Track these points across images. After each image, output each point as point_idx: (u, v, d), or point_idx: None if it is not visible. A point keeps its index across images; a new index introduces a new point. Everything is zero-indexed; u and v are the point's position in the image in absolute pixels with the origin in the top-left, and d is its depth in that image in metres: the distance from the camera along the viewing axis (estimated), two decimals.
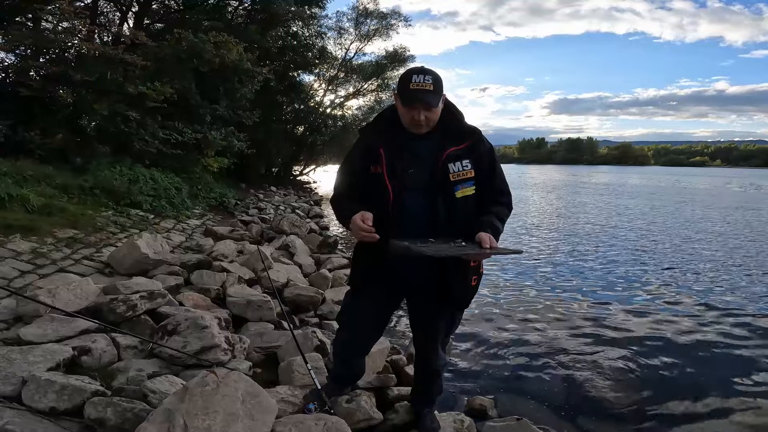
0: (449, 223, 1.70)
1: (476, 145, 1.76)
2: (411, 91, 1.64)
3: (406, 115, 1.69)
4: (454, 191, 1.70)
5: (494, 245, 1.61)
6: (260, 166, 16.47)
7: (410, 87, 1.64)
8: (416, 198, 1.71)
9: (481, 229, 1.64)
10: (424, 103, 1.63)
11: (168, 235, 5.75)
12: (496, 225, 1.71)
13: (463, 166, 1.71)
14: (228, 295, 3.52)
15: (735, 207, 16.23)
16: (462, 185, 1.71)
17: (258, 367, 2.73)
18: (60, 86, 7.14)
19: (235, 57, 8.86)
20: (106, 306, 2.70)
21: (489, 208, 1.76)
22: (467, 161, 1.72)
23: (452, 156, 1.70)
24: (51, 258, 3.86)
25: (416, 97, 1.63)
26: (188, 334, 2.49)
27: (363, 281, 1.91)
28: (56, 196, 5.45)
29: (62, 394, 1.86)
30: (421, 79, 1.63)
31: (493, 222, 1.71)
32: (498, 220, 1.74)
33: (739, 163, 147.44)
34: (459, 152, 1.71)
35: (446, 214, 1.70)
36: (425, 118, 1.67)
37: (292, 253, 5.31)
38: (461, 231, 1.68)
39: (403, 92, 1.67)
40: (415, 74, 1.65)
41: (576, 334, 4.10)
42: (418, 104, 1.64)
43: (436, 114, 1.70)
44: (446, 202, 1.70)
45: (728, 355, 3.75)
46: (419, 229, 1.68)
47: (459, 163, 1.71)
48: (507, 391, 3.09)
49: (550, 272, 6.44)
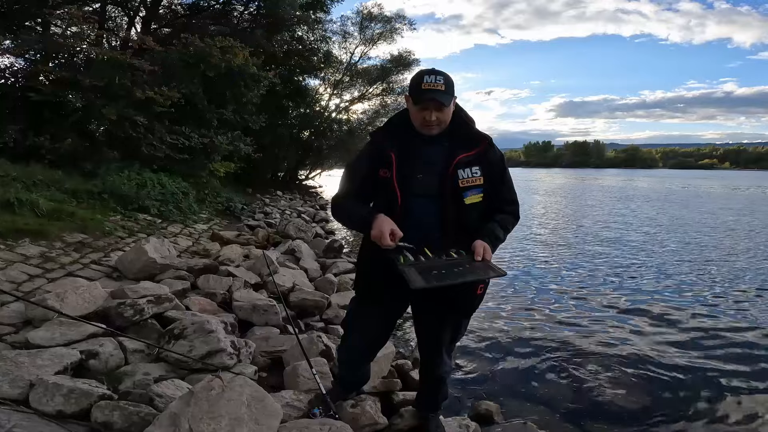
0: (457, 230, 1.70)
1: (487, 152, 1.74)
2: (423, 91, 1.64)
3: (418, 115, 1.69)
4: (463, 197, 1.69)
5: (487, 256, 1.61)
6: (266, 170, 16.55)
7: (422, 87, 1.64)
8: (424, 204, 1.70)
9: (480, 237, 1.65)
10: (436, 102, 1.63)
11: (175, 239, 5.79)
12: (496, 233, 1.71)
13: (472, 172, 1.70)
14: (234, 299, 3.53)
15: (749, 211, 16.02)
16: (471, 192, 1.70)
17: (263, 371, 2.74)
18: (69, 91, 7.22)
19: (241, 61, 8.92)
20: (113, 310, 2.72)
21: (493, 216, 1.76)
22: (477, 168, 1.71)
23: (462, 162, 1.69)
24: (60, 262, 3.90)
25: (428, 97, 1.63)
26: (194, 338, 2.50)
27: (368, 287, 1.91)
28: (65, 201, 5.51)
29: (69, 397, 1.86)
30: (433, 79, 1.64)
31: (494, 230, 1.71)
32: (501, 228, 1.74)
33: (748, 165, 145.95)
34: (469, 158, 1.70)
35: (455, 220, 1.70)
36: (437, 118, 1.66)
37: (297, 258, 5.33)
38: (469, 238, 1.67)
39: (414, 93, 1.67)
40: (427, 75, 1.65)
41: (583, 337, 4.07)
42: (430, 104, 1.64)
43: (447, 115, 1.70)
44: (455, 208, 1.69)
45: (741, 360, 3.69)
46: (427, 235, 1.67)
47: (469, 169, 1.70)
48: (513, 396, 3.06)
49: (557, 276, 6.40)
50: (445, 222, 1.70)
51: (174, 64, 8.51)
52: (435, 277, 1.52)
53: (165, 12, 11.85)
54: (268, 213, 10.45)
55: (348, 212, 1.80)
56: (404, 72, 18.24)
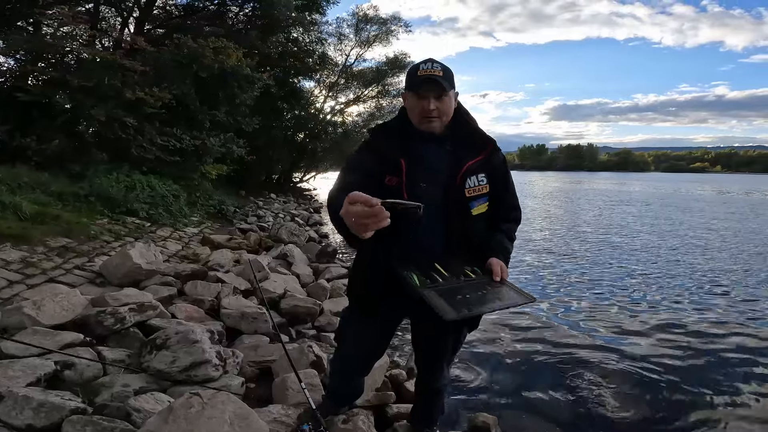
0: (464, 243, 1.57)
1: (491, 156, 1.61)
2: (420, 78, 1.52)
3: (416, 106, 1.54)
4: (470, 208, 1.56)
5: (505, 275, 1.51)
6: (260, 173, 16.42)
7: (418, 74, 1.52)
8: (429, 216, 1.49)
9: (493, 254, 1.53)
10: (435, 84, 1.50)
11: (164, 243, 5.66)
12: (507, 247, 1.61)
13: (479, 180, 1.56)
14: (222, 306, 3.41)
15: (741, 215, 16.08)
16: (478, 201, 1.57)
17: (252, 382, 2.65)
18: (57, 91, 7.07)
19: (234, 62, 8.81)
20: (93, 318, 2.61)
21: (500, 226, 1.65)
22: (483, 175, 1.57)
23: (470, 170, 1.56)
24: (41, 267, 3.76)
25: (426, 83, 1.51)
26: (178, 348, 2.39)
27: (364, 299, 1.76)
28: (50, 204, 5.36)
29: (39, 411, 1.78)
30: (430, 65, 1.52)
31: (504, 244, 1.61)
32: (509, 240, 1.64)
33: (739, 169, 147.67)
34: (476, 165, 1.57)
35: (460, 233, 1.56)
36: (436, 108, 1.52)
37: (290, 263, 5.20)
38: (476, 252, 1.56)
39: (411, 82, 1.55)
40: (423, 63, 1.55)
41: (582, 348, 3.96)
42: (428, 91, 1.51)
43: (448, 105, 1.56)
44: (461, 220, 1.55)
45: (743, 371, 3.60)
46: (431, 250, 1.55)
47: (475, 177, 1.56)
48: (511, 408, 2.95)
49: (554, 284, 6.30)
50: (449, 235, 1.56)
51: (166, 64, 8.40)
52: (462, 303, 1.37)
53: (159, 13, 11.74)
54: (261, 216, 10.31)
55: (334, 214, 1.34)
56: (400, 74, 18.16)
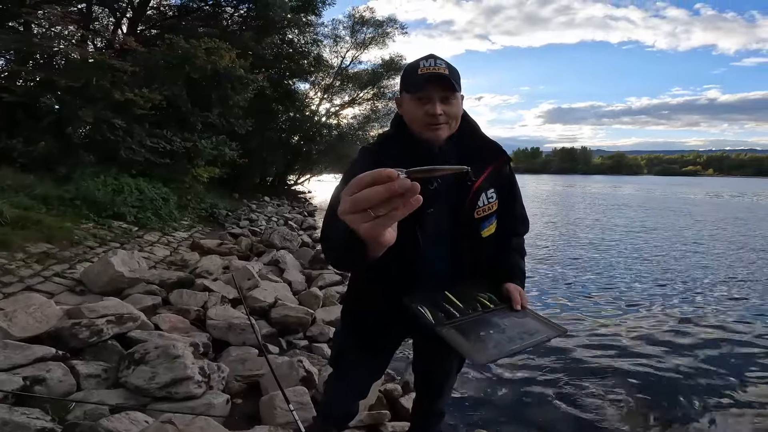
0: (473, 270, 1.38)
1: (502, 168, 1.39)
2: (422, 76, 1.22)
3: (418, 111, 1.25)
4: (480, 230, 1.34)
5: (525, 302, 1.34)
6: (254, 175, 16.26)
7: (419, 73, 1.23)
8: (435, 243, 1.31)
9: (509, 279, 1.35)
10: (441, 83, 1.22)
11: (151, 248, 5.47)
12: (522, 269, 1.44)
13: (488, 197, 1.33)
14: (209, 317, 3.24)
15: (735, 218, 16.07)
16: (487, 222, 1.35)
17: (238, 398, 2.51)
18: (45, 92, 6.89)
19: (227, 63, 8.65)
20: (67, 331, 2.44)
21: (510, 244, 1.47)
22: (492, 191, 1.34)
23: (481, 187, 1.32)
24: (18, 275, 3.58)
25: (429, 82, 1.22)
26: (158, 364, 2.23)
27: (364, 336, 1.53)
28: (34, 208, 5.17)
29: (2, 430, 1.68)
30: (432, 62, 1.24)
31: (519, 265, 1.44)
32: (521, 259, 1.47)
33: (731, 172, 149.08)
34: (487, 181, 1.34)
35: (471, 259, 1.36)
36: (443, 113, 1.24)
37: (281, 269, 5.03)
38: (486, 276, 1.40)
39: (410, 82, 1.25)
40: (424, 60, 1.26)
41: (581, 360, 3.83)
42: (432, 91, 1.22)
43: (456, 109, 1.28)
44: (470, 244, 1.34)
45: (743, 371, 3.54)
46: (438, 278, 1.34)
47: (485, 194, 1.33)
48: (510, 422, 2.83)
49: (553, 294, 6.16)
50: (457, 260, 1.34)
51: (157, 65, 8.22)
52: (487, 341, 1.19)
53: (153, 13, 11.58)
54: (253, 220, 10.12)
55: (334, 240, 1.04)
56: (395, 77, 18.06)
